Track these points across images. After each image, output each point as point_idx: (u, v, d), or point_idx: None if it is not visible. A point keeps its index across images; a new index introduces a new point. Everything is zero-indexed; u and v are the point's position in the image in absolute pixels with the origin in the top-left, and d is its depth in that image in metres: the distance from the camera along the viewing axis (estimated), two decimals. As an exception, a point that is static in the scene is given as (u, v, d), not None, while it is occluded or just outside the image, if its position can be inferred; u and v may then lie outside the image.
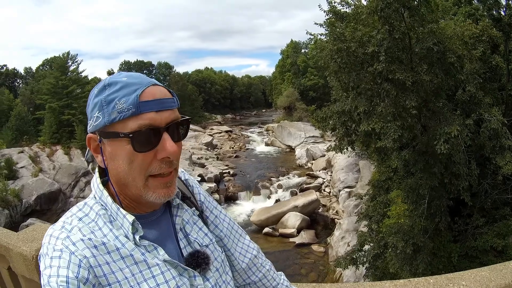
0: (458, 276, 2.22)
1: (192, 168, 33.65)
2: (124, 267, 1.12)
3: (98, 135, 1.16)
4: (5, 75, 73.99)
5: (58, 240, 1.09)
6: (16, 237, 3.00)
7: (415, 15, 8.97)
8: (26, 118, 46.49)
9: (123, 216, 1.17)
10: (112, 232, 1.16)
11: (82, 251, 1.07)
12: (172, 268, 1.20)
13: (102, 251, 1.10)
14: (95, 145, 1.20)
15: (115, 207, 1.19)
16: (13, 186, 27.17)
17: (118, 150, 1.14)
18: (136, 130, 1.10)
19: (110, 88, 1.13)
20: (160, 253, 1.19)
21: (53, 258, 1.05)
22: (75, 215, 1.19)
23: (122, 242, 1.15)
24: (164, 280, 1.16)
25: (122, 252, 1.13)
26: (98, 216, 1.18)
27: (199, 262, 1.28)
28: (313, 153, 36.02)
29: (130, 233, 1.16)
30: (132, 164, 1.14)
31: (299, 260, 19.02)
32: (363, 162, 22.91)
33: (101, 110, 1.12)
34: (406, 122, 9.34)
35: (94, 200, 1.23)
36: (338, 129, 11.31)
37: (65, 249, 1.06)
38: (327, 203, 25.27)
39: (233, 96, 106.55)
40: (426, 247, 9.97)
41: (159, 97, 1.15)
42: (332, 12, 10.58)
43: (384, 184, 13.20)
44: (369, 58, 9.54)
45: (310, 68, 62.09)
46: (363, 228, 14.63)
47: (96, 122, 1.14)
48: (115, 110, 1.10)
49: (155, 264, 1.17)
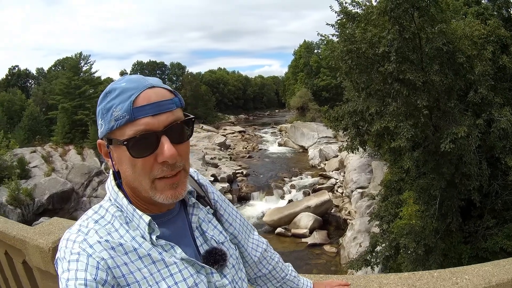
0: (461, 270, 2.19)
1: (205, 168, 33.71)
2: (142, 267, 1.13)
3: (105, 141, 1.19)
4: (17, 76, 74.35)
5: (75, 244, 1.10)
6: (32, 231, 3.05)
7: (425, 15, 8.96)
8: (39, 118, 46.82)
9: (139, 217, 1.19)
10: (129, 233, 1.18)
11: (99, 253, 1.08)
12: (190, 266, 1.22)
13: (119, 252, 1.12)
14: (105, 151, 1.22)
15: (131, 208, 1.20)
16: (26, 185, 27.31)
17: (121, 156, 1.16)
18: (131, 137, 1.11)
19: (110, 96, 1.15)
20: (177, 252, 1.21)
21: (70, 261, 1.06)
22: (91, 217, 1.20)
23: (139, 243, 1.16)
24: (182, 278, 1.18)
25: (139, 252, 1.14)
26: (114, 218, 1.20)
27: (216, 259, 1.30)
28: (326, 153, 35.88)
29: (147, 233, 1.18)
30: (134, 168, 1.15)
31: (311, 261, 18.99)
32: (375, 163, 22.82)
33: (102, 118, 1.16)
34: (418, 120, 9.33)
35: (110, 202, 1.25)
36: (350, 129, 11.31)
37: (83, 252, 1.07)
38: (340, 203, 25.16)
39: (246, 96, 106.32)
40: (438, 248, 9.94)
41: (154, 100, 1.14)
42: (343, 12, 10.61)
43: (396, 185, 13.17)
44: (380, 58, 9.54)
45: (322, 68, 61.80)
46: (375, 229, 14.60)
47: (101, 129, 1.17)
48: (112, 118, 1.12)
49: (172, 263, 1.18)
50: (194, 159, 35.77)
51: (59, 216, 15.66)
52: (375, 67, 9.73)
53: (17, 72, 75.13)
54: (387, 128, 9.41)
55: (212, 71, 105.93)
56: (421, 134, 9.71)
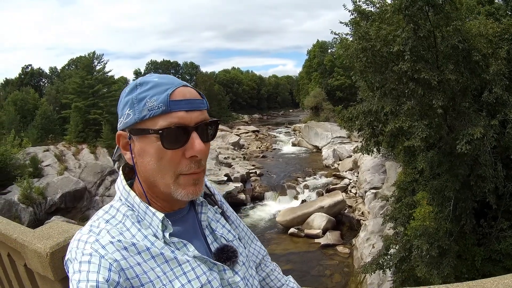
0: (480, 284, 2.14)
1: (219, 167, 33.75)
2: (155, 266, 1.12)
3: (128, 132, 1.19)
4: (30, 75, 75.29)
5: (87, 244, 1.09)
6: (32, 234, 3.04)
7: (440, 13, 8.86)
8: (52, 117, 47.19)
9: (152, 214, 1.18)
10: (141, 232, 1.17)
11: (112, 254, 1.07)
12: (202, 263, 1.22)
13: (132, 252, 1.11)
14: (125, 142, 1.22)
15: (144, 206, 1.20)
16: (38, 184, 27.43)
17: (147, 147, 1.16)
18: (165, 127, 1.12)
19: (142, 87, 1.17)
20: (190, 250, 1.20)
21: (82, 262, 1.05)
22: (101, 218, 1.19)
23: (152, 241, 1.16)
24: (195, 276, 1.17)
25: (152, 252, 1.14)
26: (125, 217, 1.19)
27: (229, 256, 1.30)
28: (339, 153, 35.77)
29: (160, 231, 1.17)
30: (161, 161, 1.16)
31: (324, 261, 18.91)
32: (389, 163, 22.67)
33: (132, 108, 1.16)
34: (433, 120, 9.23)
35: (120, 202, 1.24)
36: (364, 129, 11.22)
37: (95, 253, 1.06)
38: (353, 204, 25.03)
39: (260, 96, 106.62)
40: (452, 250, 9.84)
41: (189, 97, 1.18)
42: (357, 11, 10.54)
43: (409, 185, 13.06)
44: (394, 57, 9.46)
45: (336, 67, 61.68)
46: (389, 231, 14.49)
47: (127, 119, 1.17)
48: (145, 108, 1.14)
49: (185, 261, 1.17)
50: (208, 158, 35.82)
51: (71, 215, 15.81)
52: (390, 66, 9.66)
53: (30, 71, 76.09)
54: (401, 128, 9.33)
55: (226, 70, 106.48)
56: (435, 134, 9.60)
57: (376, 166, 25.50)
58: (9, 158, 28.79)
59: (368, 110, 10.69)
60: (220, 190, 26.81)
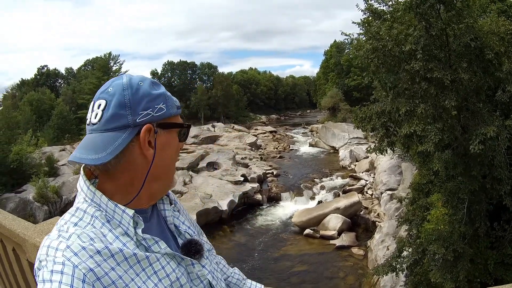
0: None
1: (236, 168, 33.80)
2: (128, 268, 1.09)
3: (154, 126, 1.18)
4: (46, 75, 76.74)
5: (58, 252, 1.02)
6: (33, 229, 3.13)
7: (451, 10, 8.80)
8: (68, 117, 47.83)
9: (122, 212, 1.15)
10: (112, 232, 1.13)
11: (85, 262, 1.02)
12: (172, 260, 1.22)
13: (105, 255, 1.06)
14: (148, 137, 1.18)
15: (112, 204, 1.16)
16: (54, 183, 27.82)
17: (171, 140, 1.25)
18: (187, 123, 1.29)
19: (159, 86, 1.23)
20: (162, 247, 1.19)
21: (53, 272, 0.99)
22: (69, 221, 1.14)
23: (123, 242, 1.13)
24: (165, 274, 1.17)
25: (125, 253, 1.10)
26: (94, 218, 1.14)
27: (197, 249, 1.33)
28: (356, 154, 35.61)
29: (131, 228, 1.15)
30: (176, 152, 1.29)
31: (338, 263, 18.82)
32: (405, 164, 22.53)
33: (165, 102, 1.21)
34: (446, 123, 9.17)
35: (87, 203, 1.18)
36: (378, 129, 11.17)
37: (67, 262, 1.00)
38: (369, 205, 24.92)
39: (277, 96, 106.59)
40: (466, 254, 9.76)
41: None
42: (369, 10, 10.52)
43: (424, 187, 12.98)
44: (406, 57, 9.42)
45: (353, 68, 61.45)
46: (403, 233, 14.43)
47: (159, 113, 1.19)
48: (174, 105, 1.24)
49: (155, 260, 1.16)
50: (225, 158, 35.97)
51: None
52: (402, 65, 9.62)
53: (46, 71, 77.56)
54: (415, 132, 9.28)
55: (244, 71, 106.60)
56: (449, 136, 9.53)
57: (393, 168, 25.39)
58: (24, 157, 29.31)
59: (381, 111, 10.64)
60: (237, 191, 26.99)
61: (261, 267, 19.12)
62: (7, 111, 39.37)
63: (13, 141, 31.46)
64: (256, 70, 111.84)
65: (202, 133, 54.69)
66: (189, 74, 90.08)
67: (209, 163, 35.01)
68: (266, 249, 21.33)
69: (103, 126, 1.14)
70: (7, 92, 74.00)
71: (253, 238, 23.07)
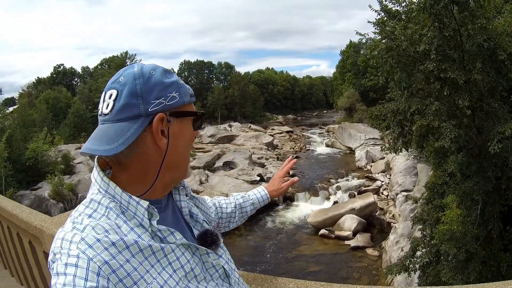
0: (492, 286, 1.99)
1: (252, 167, 33.92)
2: (143, 259, 1.08)
3: (167, 115, 1.16)
4: (63, 74, 77.38)
5: (73, 244, 1.00)
6: (50, 221, 3.22)
7: (465, 11, 8.84)
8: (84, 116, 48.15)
9: (136, 203, 1.12)
10: (127, 223, 1.11)
11: (100, 254, 0.99)
12: (186, 250, 1.20)
13: (120, 247, 1.04)
14: (160, 126, 1.15)
15: (127, 196, 1.13)
16: (70, 181, 28.09)
17: (184, 129, 1.21)
18: (201, 111, 1.25)
19: (171, 74, 1.21)
20: (177, 237, 1.17)
21: (68, 265, 0.96)
22: (83, 213, 1.12)
23: (138, 234, 1.11)
24: (180, 265, 1.15)
25: (140, 245, 1.08)
26: (108, 210, 1.12)
27: (213, 239, 1.32)
28: (372, 155, 35.49)
29: (146, 219, 1.12)
30: (190, 142, 1.26)
31: (353, 263, 18.88)
32: (421, 166, 22.43)
33: (177, 91, 1.17)
34: (461, 121, 9.21)
35: (101, 194, 1.16)
36: (392, 128, 11.20)
37: (82, 255, 0.97)
38: (384, 206, 24.82)
39: (294, 96, 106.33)
40: (478, 255, 9.78)
41: None
42: (383, 10, 10.59)
43: (439, 188, 12.99)
44: (421, 57, 9.47)
45: (369, 68, 61.13)
46: (418, 234, 14.44)
47: (172, 101, 1.16)
48: (188, 93, 1.21)
49: (170, 251, 1.15)
50: (241, 158, 36.13)
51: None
52: (417, 65, 9.67)
53: (62, 70, 78.11)
54: (430, 126, 9.29)
55: (261, 71, 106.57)
56: (465, 136, 9.56)
57: (408, 169, 25.29)
58: (40, 154, 29.55)
59: (396, 109, 10.69)
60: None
61: (276, 266, 19.19)
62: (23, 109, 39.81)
63: (29, 139, 31.77)
64: (273, 70, 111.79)
65: (218, 132, 54.91)
66: (206, 74, 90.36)
67: (226, 162, 35.19)
68: (281, 249, 21.41)
69: (115, 116, 1.13)
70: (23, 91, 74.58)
71: (269, 237, 23.18)
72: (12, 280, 4.92)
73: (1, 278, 5.12)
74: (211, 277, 1.28)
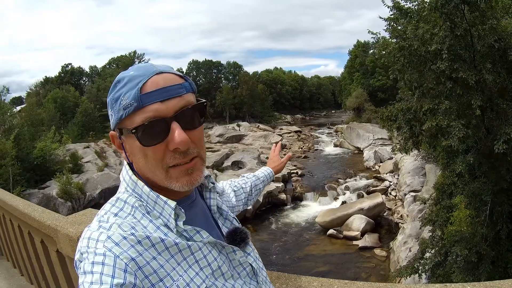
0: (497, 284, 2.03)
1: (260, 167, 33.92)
2: (169, 257, 1.07)
3: (117, 132, 1.15)
4: (70, 73, 77.45)
5: (99, 243, 1.00)
6: (64, 220, 3.20)
7: (475, 11, 8.82)
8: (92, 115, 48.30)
9: (163, 203, 1.12)
10: (152, 223, 1.11)
11: (127, 251, 0.99)
12: (213, 248, 1.18)
13: (146, 245, 1.04)
14: (118, 142, 1.17)
15: (154, 195, 1.13)
16: (78, 179, 28.10)
17: (133, 146, 1.12)
18: (139, 125, 1.07)
19: (118, 85, 1.11)
20: (204, 236, 1.16)
21: (94, 263, 0.96)
22: (109, 211, 1.12)
23: (164, 232, 1.10)
24: (207, 263, 1.14)
25: (167, 243, 1.07)
26: (134, 209, 1.12)
27: (242, 238, 1.30)
28: (381, 155, 35.37)
29: (172, 220, 1.11)
30: (146, 158, 1.11)
31: (361, 264, 18.87)
32: (429, 166, 22.33)
33: (112, 108, 1.12)
34: (470, 120, 9.18)
35: (128, 193, 1.17)
36: (403, 128, 11.16)
37: (109, 253, 0.98)
38: (392, 206, 24.79)
39: (302, 96, 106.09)
40: (488, 256, 9.75)
41: (163, 85, 1.09)
42: (396, 8, 10.57)
43: (447, 188, 12.95)
44: (432, 56, 9.45)
45: (378, 68, 60.98)
46: (426, 234, 14.40)
47: (111, 120, 1.13)
48: (121, 107, 1.08)
49: (198, 249, 1.13)
50: (250, 157, 36.16)
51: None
52: (428, 65, 9.65)
53: (70, 69, 78.23)
54: (440, 126, 9.27)
55: (269, 70, 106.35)
56: (473, 136, 9.53)
57: (416, 169, 25.20)
58: (48, 153, 29.65)
59: (407, 108, 10.67)
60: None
61: (284, 266, 19.16)
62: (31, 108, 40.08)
63: (37, 138, 31.86)
64: (281, 70, 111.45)
65: (227, 132, 55.01)
66: (214, 73, 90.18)
67: (234, 162, 35.22)
68: (289, 249, 21.41)
69: None
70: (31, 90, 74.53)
71: (277, 237, 23.19)
72: (22, 279, 4.96)
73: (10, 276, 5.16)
74: (239, 275, 1.26)
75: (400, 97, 12.81)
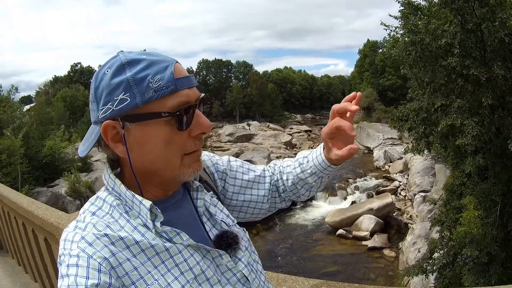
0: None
1: (269, 167, 34.01)
2: (145, 260, 1.03)
3: (120, 120, 1.04)
4: (80, 72, 78.60)
5: (73, 244, 0.98)
6: (67, 218, 3.22)
7: (485, 6, 8.81)
8: (102, 114, 48.19)
9: (139, 203, 1.07)
10: (130, 223, 1.07)
11: (100, 251, 0.97)
12: (196, 252, 1.12)
13: (120, 247, 1.01)
14: (114, 134, 1.06)
15: (130, 194, 1.09)
16: (87, 178, 28.25)
17: (152, 133, 1.04)
18: (180, 108, 1.03)
19: (134, 67, 1.02)
20: (184, 238, 1.09)
21: (69, 266, 0.95)
22: (87, 210, 1.10)
23: (142, 233, 1.06)
24: (188, 267, 1.08)
25: (142, 245, 1.03)
26: (112, 208, 1.09)
27: (229, 243, 1.20)
28: (390, 155, 35.27)
29: (149, 220, 1.06)
30: (169, 145, 1.06)
31: (370, 264, 18.81)
32: (439, 166, 22.21)
33: (128, 91, 1.01)
34: (484, 118, 9.16)
35: (107, 192, 1.14)
36: (416, 128, 11.14)
37: (82, 253, 0.96)
38: (402, 207, 24.72)
39: (312, 95, 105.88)
40: (498, 257, 9.72)
41: (186, 73, 1.08)
42: (406, 3, 10.58)
43: (457, 189, 12.91)
44: (443, 52, 9.44)
45: (388, 67, 60.78)
46: (435, 235, 14.37)
47: (121, 105, 1.01)
48: (150, 89, 1.00)
49: (177, 252, 1.07)
50: (260, 157, 36.17)
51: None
52: (439, 61, 9.64)
53: (80, 69, 79.51)
54: (453, 126, 9.26)
55: (279, 70, 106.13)
56: (486, 134, 9.50)
57: (426, 169, 25.10)
58: (57, 152, 29.87)
59: (419, 108, 10.66)
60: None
61: (293, 266, 19.18)
62: (40, 107, 40.42)
63: (46, 136, 32.09)
64: (291, 69, 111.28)
65: (237, 131, 55.10)
66: (224, 73, 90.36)
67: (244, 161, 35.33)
68: (298, 248, 21.40)
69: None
70: (40, 89, 75.44)
71: (286, 236, 23.18)
72: (26, 277, 5.02)
73: (15, 274, 5.22)
74: (228, 281, 1.17)
75: (411, 96, 12.80)
